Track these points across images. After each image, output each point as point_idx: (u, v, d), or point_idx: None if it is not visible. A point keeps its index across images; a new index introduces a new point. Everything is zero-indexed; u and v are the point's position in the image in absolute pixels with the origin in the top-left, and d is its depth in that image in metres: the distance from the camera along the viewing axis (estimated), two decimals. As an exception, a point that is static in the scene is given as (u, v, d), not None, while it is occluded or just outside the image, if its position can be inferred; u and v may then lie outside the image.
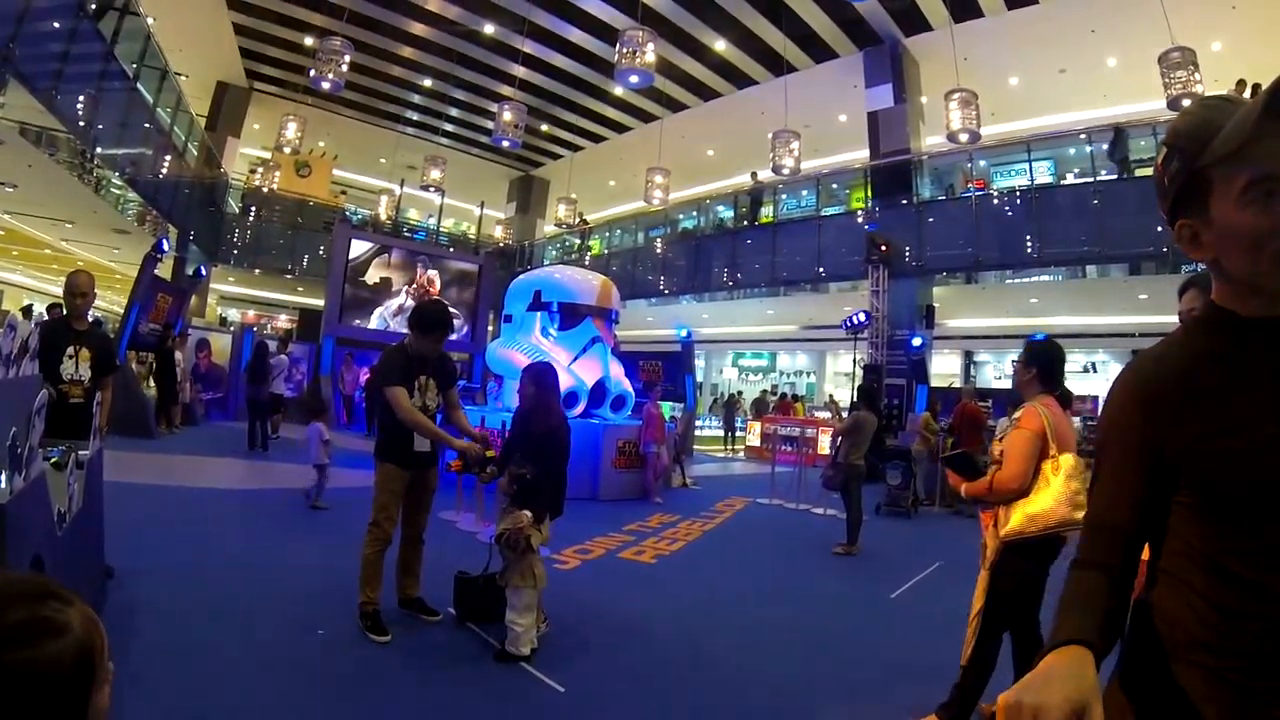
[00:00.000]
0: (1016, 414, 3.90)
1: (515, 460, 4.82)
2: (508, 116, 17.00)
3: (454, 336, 21.08)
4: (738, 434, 24.25)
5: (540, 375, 4.97)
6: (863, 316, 17.81)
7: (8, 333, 2.83)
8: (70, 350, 5.06)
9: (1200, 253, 1.30)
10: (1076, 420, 19.87)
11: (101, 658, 1.04)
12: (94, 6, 12.56)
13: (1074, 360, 23.90)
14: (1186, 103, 12.01)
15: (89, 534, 4.25)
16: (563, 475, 4.94)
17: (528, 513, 4.59)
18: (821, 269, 20.09)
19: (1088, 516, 1.40)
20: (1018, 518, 3.68)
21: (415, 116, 27.18)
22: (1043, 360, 3.96)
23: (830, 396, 25.08)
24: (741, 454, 21.80)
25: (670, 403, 17.98)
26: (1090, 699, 1.05)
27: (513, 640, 4.54)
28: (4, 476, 2.31)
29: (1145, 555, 1.37)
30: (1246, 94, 13.65)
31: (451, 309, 21.01)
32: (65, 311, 5.30)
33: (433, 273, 21.53)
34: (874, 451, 9.97)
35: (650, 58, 13.16)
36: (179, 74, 18.41)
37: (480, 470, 4.94)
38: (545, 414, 4.87)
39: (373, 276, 20.92)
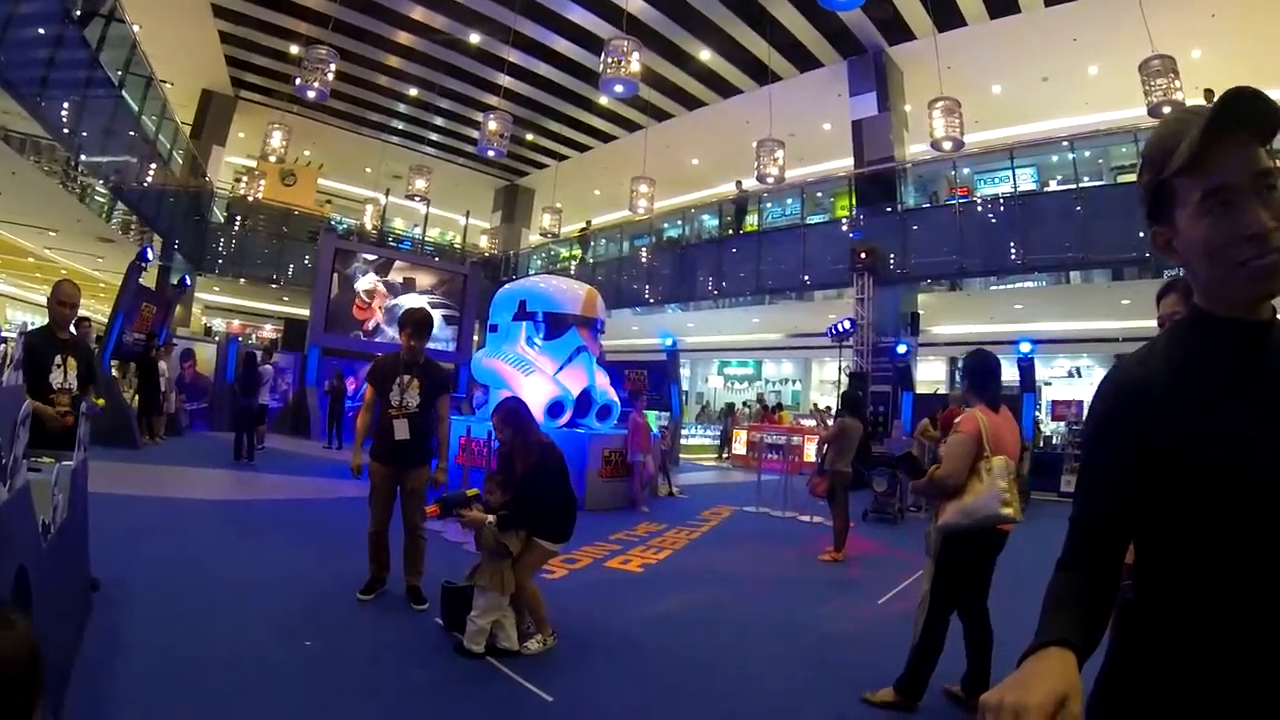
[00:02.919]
0: (959, 419, 4.35)
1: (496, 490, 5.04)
2: (493, 126, 17.01)
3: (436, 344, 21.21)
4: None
5: (512, 413, 5.13)
6: (848, 324, 17.87)
7: (-8, 343, 2.82)
8: (57, 360, 5.06)
9: (1174, 258, 1.34)
10: (1061, 425, 20.03)
11: (44, 669, 1.10)
12: (79, 13, 12.52)
13: (1059, 365, 24.04)
14: (1167, 110, 12.14)
15: (74, 545, 4.22)
16: (561, 500, 5.07)
17: (491, 517, 4.77)
18: (807, 277, 20.13)
19: (1072, 517, 1.42)
20: (953, 511, 4.13)
21: (401, 126, 27.10)
22: (971, 373, 4.48)
23: (814, 405, 25.09)
24: (728, 463, 21.81)
25: (656, 411, 18.00)
26: (1070, 694, 1.07)
27: (469, 636, 4.67)
28: (-11, 487, 2.29)
29: (1130, 556, 1.39)
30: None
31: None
32: (50, 320, 5.26)
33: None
34: (860, 458, 10.00)
35: (635, 67, 13.19)
36: (164, 81, 18.35)
37: (462, 511, 4.93)
38: (526, 448, 5.02)
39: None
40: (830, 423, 10.05)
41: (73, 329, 5.51)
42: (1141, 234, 14.15)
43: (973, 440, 4.16)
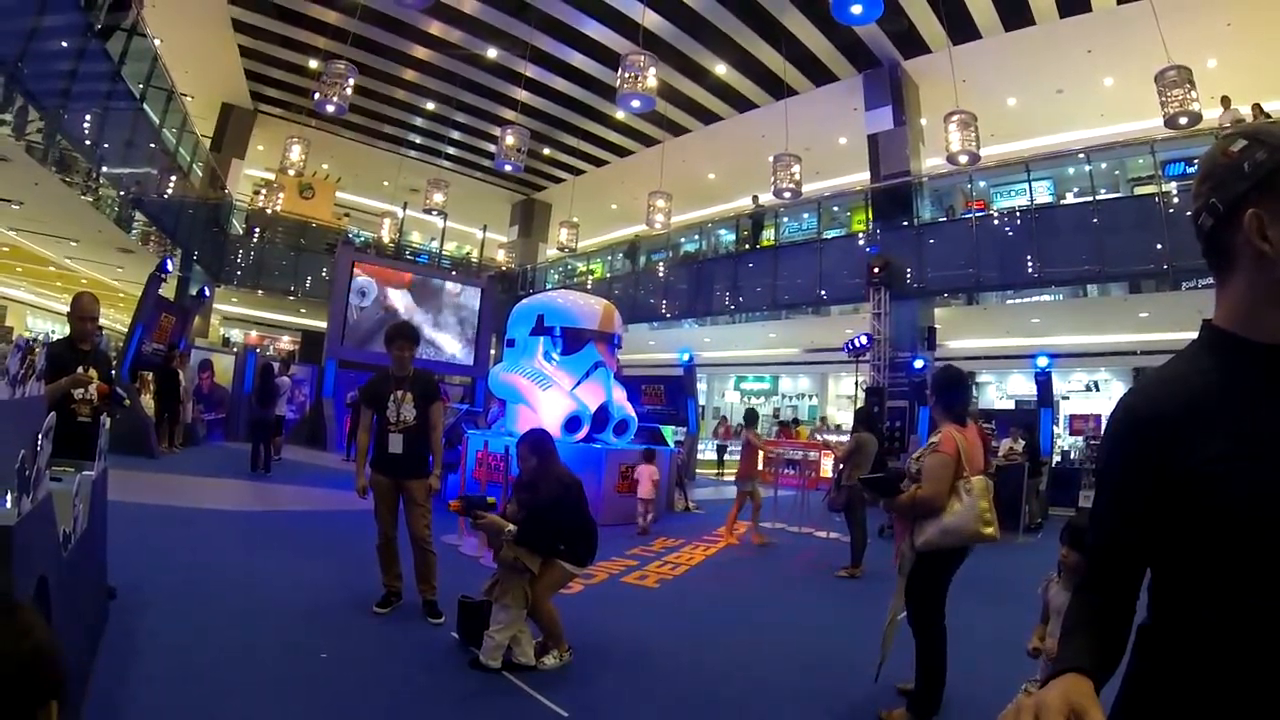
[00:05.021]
0: (934, 439, 4.41)
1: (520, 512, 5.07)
2: (510, 140, 17.09)
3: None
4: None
5: (538, 443, 5.18)
6: (864, 339, 17.81)
7: (15, 353, 2.85)
8: (79, 371, 5.11)
9: (1261, 246, 1.25)
10: (1079, 439, 19.92)
11: (51, 671, 1.11)
12: (98, 27, 12.65)
13: (1076, 379, 23.88)
14: (1184, 121, 12.10)
15: (93, 555, 4.25)
16: (581, 528, 5.13)
17: (511, 526, 4.85)
18: (823, 292, 20.09)
19: (1090, 540, 1.42)
20: (933, 530, 4.19)
21: (418, 140, 27.23)
22: (941, 389, 4.64)
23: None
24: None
25: (673, 426, 17.95)
26: (1087, 704, 1.09)
27: (486, 651, 4.67)
28: (11, 498, 2.31)
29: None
30: (1245, 110, 13.75)
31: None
32: (72, 333, 5.31)
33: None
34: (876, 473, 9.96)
35: (652, 82, 13.21)
36: (184, 94, 18.52)
37: (480, 512, 5.02)
38: (548, 480, 5.06)
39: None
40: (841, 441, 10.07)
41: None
42: (1159, 245, 14.09)
43: (953, 460, 4.25)
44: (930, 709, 4.30)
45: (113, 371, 5.71)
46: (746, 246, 22.91)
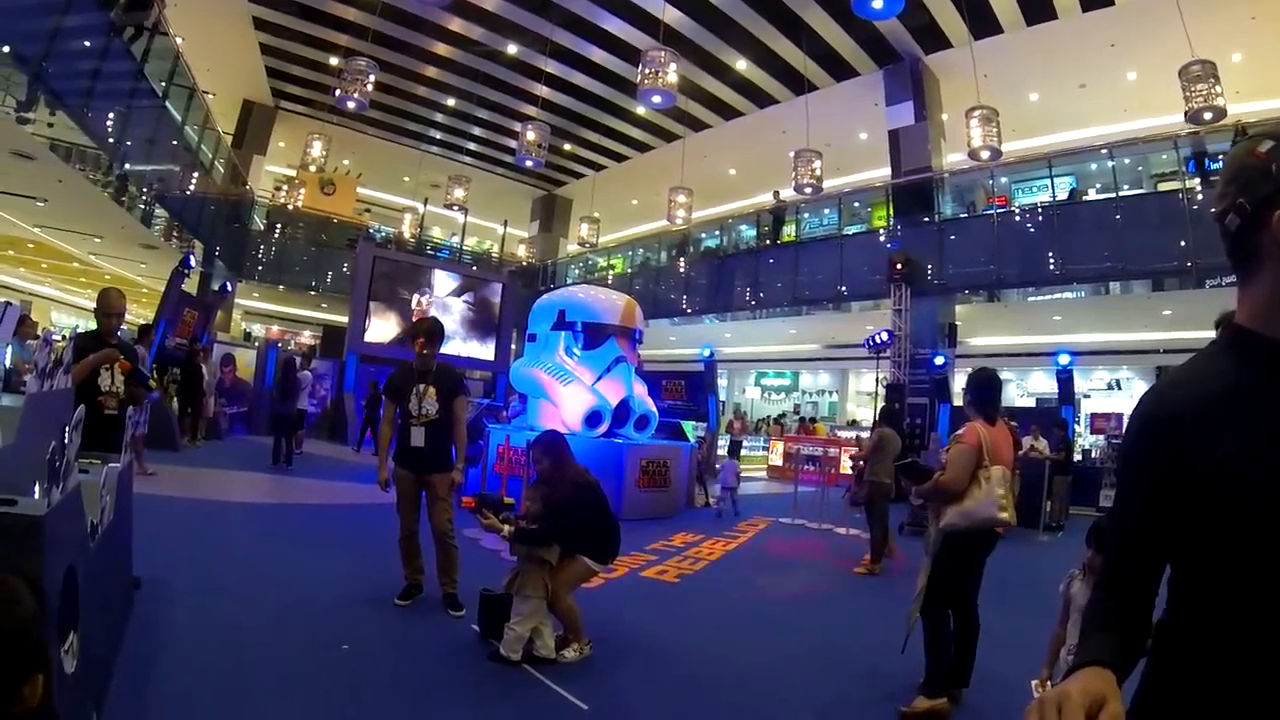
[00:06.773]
0: (960, 431, 4.72)
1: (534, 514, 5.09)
2: (531, 136, 17.13)
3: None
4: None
5: (550, 445, 5.21)
6: (885, 336, 17.74)
7: (43, 346, 2.89)
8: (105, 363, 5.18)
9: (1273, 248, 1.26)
10: (1100, 438, 19.77)
11: (33, 643, 1.15)
12: (120, 26, 12.71)
13: (1098, 378, 23.72)
14: (1208, 116, 11.99)
15: (119, 545, 4.29)
16: (600, 527, 5.17)
17: (508, 528, 4.97)
18: (844, 288, 20.06)
19: (1109, 538, 1.42)
20: (953, 514, 4.49)
21: (439, 135, 27.32)
22: (973, 389, 4.87)
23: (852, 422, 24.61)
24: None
25: (694, 421, 17.92)
26: (1108, 694, 1.10)
27: (506, 643, 4.68)
28: (40, 489, 2.34)
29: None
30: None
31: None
32: (98, 328, 5.38)
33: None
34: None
35: (672, 78, 13.20)
36: (206, 92, 18.63)
37: (495, 514, 5.10)
38: (561, 482, 5.08)
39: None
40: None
41: (130, 340, 5.64)
42: (1183, 243, 13.96)
43: (974, 450, 4.52)
44: (943, 684, 4.46)
45: (138, 361, 5.77)
46: (767, 242, 22.91)
